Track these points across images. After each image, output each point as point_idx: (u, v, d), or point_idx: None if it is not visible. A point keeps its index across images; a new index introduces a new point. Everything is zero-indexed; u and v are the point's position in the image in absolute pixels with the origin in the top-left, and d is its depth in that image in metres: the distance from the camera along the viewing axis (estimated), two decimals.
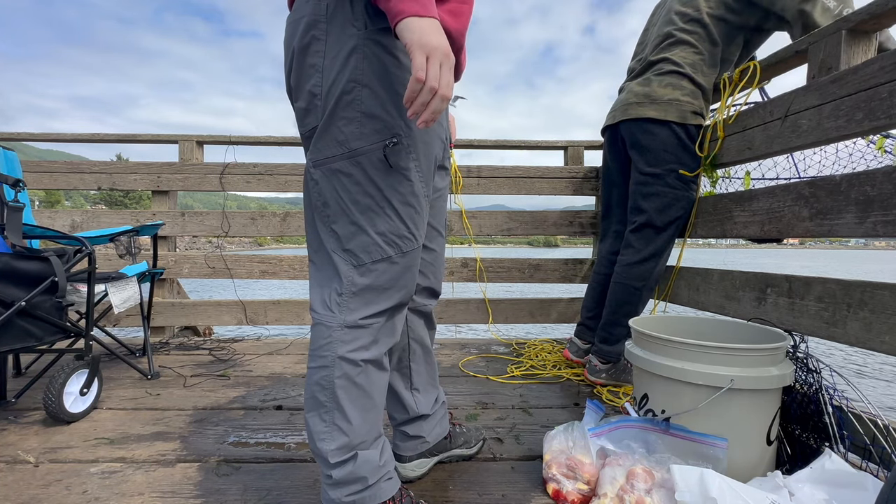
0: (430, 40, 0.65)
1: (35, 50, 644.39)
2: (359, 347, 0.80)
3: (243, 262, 2.47)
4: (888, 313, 1.00)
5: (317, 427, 0.80)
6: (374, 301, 0.81)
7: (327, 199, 0.79)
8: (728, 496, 0.76)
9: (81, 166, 2.41)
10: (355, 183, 0.77)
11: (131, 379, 1.72)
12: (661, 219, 1.63)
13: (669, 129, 1.58)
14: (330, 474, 0.80)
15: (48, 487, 1.00)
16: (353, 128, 0.75)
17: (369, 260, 0.79)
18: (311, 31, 0.75)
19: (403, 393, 1.03)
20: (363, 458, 0.81)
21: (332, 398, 0.79)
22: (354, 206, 0.78)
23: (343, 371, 0.79)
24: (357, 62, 0.73)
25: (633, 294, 1.67)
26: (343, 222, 0.79)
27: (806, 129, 1.25)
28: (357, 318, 0.79)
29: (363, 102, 0.74)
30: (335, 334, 0.79)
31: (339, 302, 0.79)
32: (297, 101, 0.80)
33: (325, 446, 0.79)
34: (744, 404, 0.96)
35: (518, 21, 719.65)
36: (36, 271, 1.29)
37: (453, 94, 0.78)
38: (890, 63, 1.03)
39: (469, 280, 2.51)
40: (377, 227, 0.78)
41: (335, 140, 0.76)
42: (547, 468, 1.02)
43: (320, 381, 0.80)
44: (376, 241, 0.79)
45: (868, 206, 1.07)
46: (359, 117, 0.75)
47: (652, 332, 1.07)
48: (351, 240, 0.79)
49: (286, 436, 1.26)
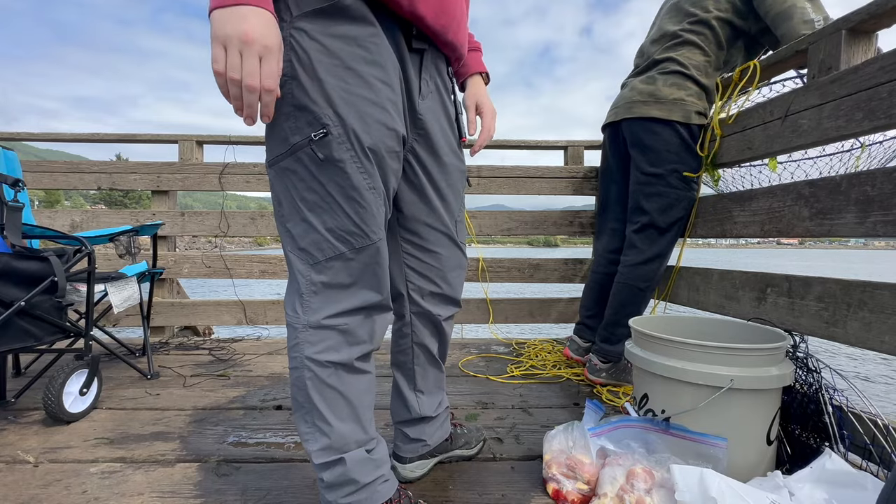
0: (224, 30, 0.61)
1: (35, 50, 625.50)
2: (326, 349, 0.78)
3: (243, 262, 2.47)
4: (888, 313, 1.00)
5: (301, 428, 0.80)
6: (336, 299, 0.78)
7: (280, 198, 0.78)
8: (728, 496, 0.76)
9: (81, 166, 2.41)
10: (300, 179, 0.75)
11: (131, 379, 1.72)
12: (663, 219, 1.62)
13: (673, 128, 1.57)
14: (321, 476, 0.80)
15: (48, 487, 1.00)
16: (290, 123, 0.73)
17: (323, 258, 0.77)
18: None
19: (407, 393, 1.03)
20: (352, 459, 0.80)
21: (308, 399, 0.78)
22: (303, 203, 0.75)
23: (312, 372, 0.77)
24: (287, 54, 0.70)
25: (637, 295, 1.67)
26: (295, 220, 0.77)
27: (806, 128, 1.25)
28: (320, 318, 0.77)
29: (293, 95, 0.71)
30: (301, 335, 0.78)
31: (302, 302, 0.78)
32: None
33: (310, 447, 0.79)
34: (744, 404, 0.96)
35: (516, 22, 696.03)
36: (35, 271, 1.29)
37: None
38: (890, 63, 1.03)
39: (469, 280, 2.51)
40: (325, 223, 0.76)
41: (279, 137, 0.74)
42: (547, 468, 1.01)
43: (296, 383, 0.79)
44: (326, 237, 0.76)
45: (868, 206, 1.07)
46: (293, 111, 0.72)
47: (652, 332, 1.06)
48: (304, 237, 0.77)
49: (286, 436, 1.26)
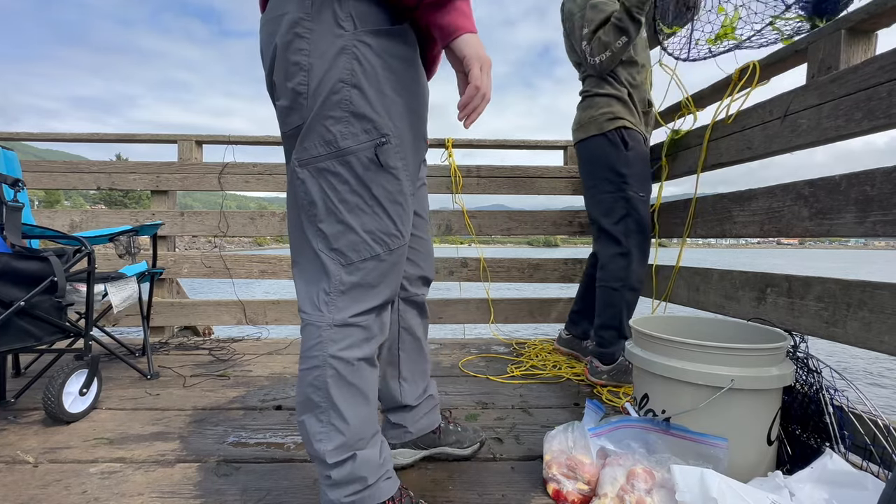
0: (482, 53, 0.74)
1: (35, 50, 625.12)
2: (350, 346, 0.80)
3: (243, 261, 2.47)
4: (887, 313, 1.00)
5: (313, 428, 0.80)
6: (362, 299, 0.81)
7: (314, 199, 0.79)
8: (728, 496, 0.76)
9: (81, 166, 2.41)
10: (343, 182, 0.77)
11: (131, 379, 1.72)
12: (609, 221, 1.74)
13: (593, 141, 1.75)
14: (329, 475, 0.80)
15: (47, 488, 1.00)
16: (341, 127, 0.75)
17: (358, 259, 0.80)
18: (294, 28, 0.74)
19: (390, 382, 1.05)
20: (362, 457, 0.81)
21: (327, 398, 0.79)
22: (342, 205, 0.78)
23: (335, 370, 0.79)
24: (345, 62, 0.74)
25: (613, 295, 1.73)
26: (330, 221, 0.79)
27: (805, 128, 1.25)
28: (346, 316, 0.80)
29: (352, 102, 0.75)
30: (325, 333, 0.79)
31: (328, 301, 0.79)
32: (279, 99, 0.79)
33: (323, 447, 0.79)
34: (744, 404, 0.96)
35: (515, 22, 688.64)
36: (35, 271, 1.28)
37: None
38: (889, 62, 1.03)
39: (469, 280, 2.51)
40: (365, 225, 0.79)
41: (322, 139, 0.76)
42: (547, 468, 1.01)
43: (314, 382, 0.79)
44: (365, 239, 0.79)
45: (867, 206, 1.07)
46: (347, 117, 0.75)
47: (652, 332, 1.06)
48: (339, 239, 0.79)
49: (286, 436, 1.26)
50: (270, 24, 0.78)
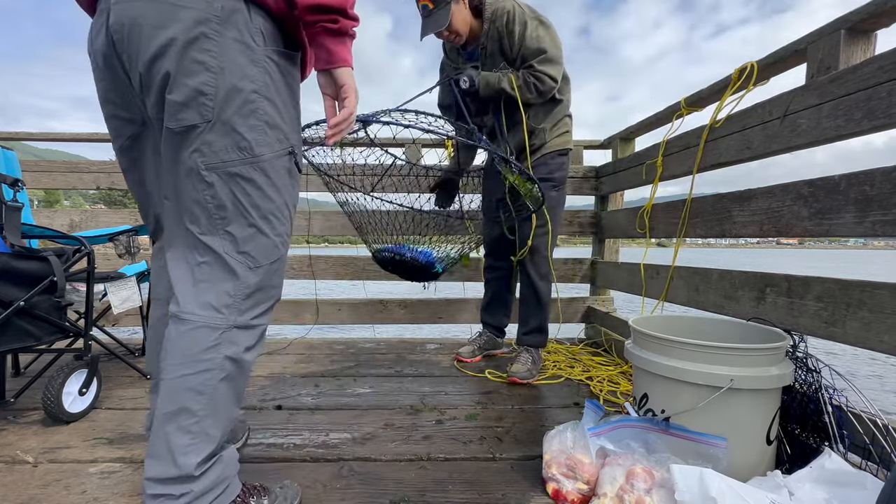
0: (355, 85, 0.85)
1: (35, 50, 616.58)
2: (248, 347, 0.82)
3: None
4: (887, 313, 1.00)
5: (180, 441, 0.74)
6: (262, 300, 0.84)
7: (223, 202, 0.78)
8: (728, 496, 0.77)
9: (80, 166, 2.41)
10: (256, 188, 0.79)
11: (130, 378, 1.72)
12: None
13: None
14: (190, 489, 0.74)
15: (47, 487, 1.00)
16: (256, 135, 0.78)
17: (267, 261, 0.83)
18: (200, 26, 0.72)
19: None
20: (228, 455, 0.82)
21: (209, 404, 0.77)
22: (254, 210, 0.80)
23: (226, 373, 0.78)
24: (259, 75, 0.77)
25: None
26: (240, 224, 0.79)
27: (805, 128, 1.25)
28: (249, 318, 0.81)
29: (266, 113, 0.79)
30: (224, 335, 0.78)
31: (230, 303, 0.79)
32: (171, 92, 0.74)
33: (190, 460, 0.74)
34: (744, 404, 0.96)
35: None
36: (35, 271, 1.28)
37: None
38: (889, 62, 1.03)
39: (469, 279, 2.51)
40: (276, 229, 0.83)
41: (236, 145, 0.77)
42: (547, 468, 1.02)
43: (197, 387, 0.76)
44: (275, 242, 0.83)
45: (867, 206, 1.07)
46: (262, 126, 0.79)
47: (652, 332, 1.07)
48: (248, 242, 0.80)
49: (286, 436, 1.26)
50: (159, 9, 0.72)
